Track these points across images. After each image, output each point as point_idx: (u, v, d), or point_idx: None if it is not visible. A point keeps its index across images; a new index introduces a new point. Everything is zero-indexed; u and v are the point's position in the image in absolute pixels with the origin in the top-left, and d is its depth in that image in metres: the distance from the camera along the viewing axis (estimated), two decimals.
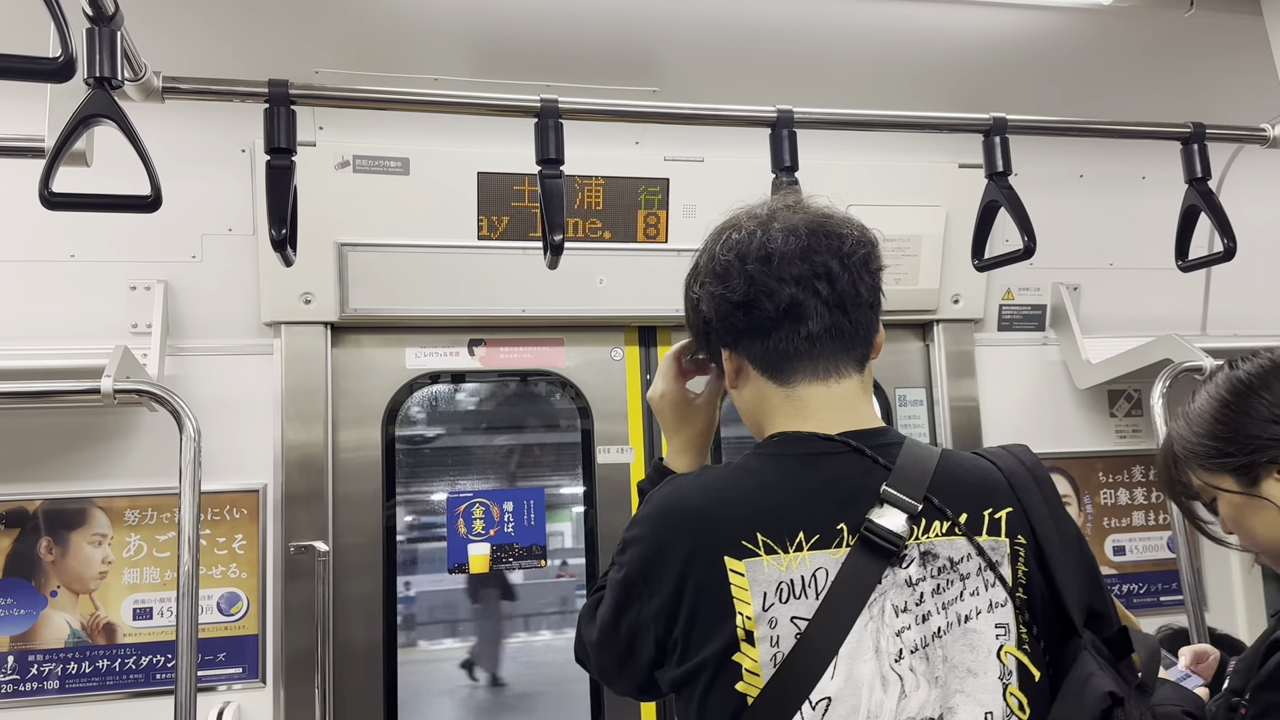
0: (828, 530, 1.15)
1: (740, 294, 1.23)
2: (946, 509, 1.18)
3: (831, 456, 1.20)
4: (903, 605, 1.14)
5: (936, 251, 2.85)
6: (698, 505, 1.18)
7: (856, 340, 1.26)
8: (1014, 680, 1.14)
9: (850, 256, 1.25)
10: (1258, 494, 1.43)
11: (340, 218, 2.53)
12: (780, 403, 1.26)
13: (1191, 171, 2.08)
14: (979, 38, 2.43)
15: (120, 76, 1.42)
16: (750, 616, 1.11)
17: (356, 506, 2.61)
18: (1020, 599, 1.17)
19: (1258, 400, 1.44)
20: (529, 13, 2.26)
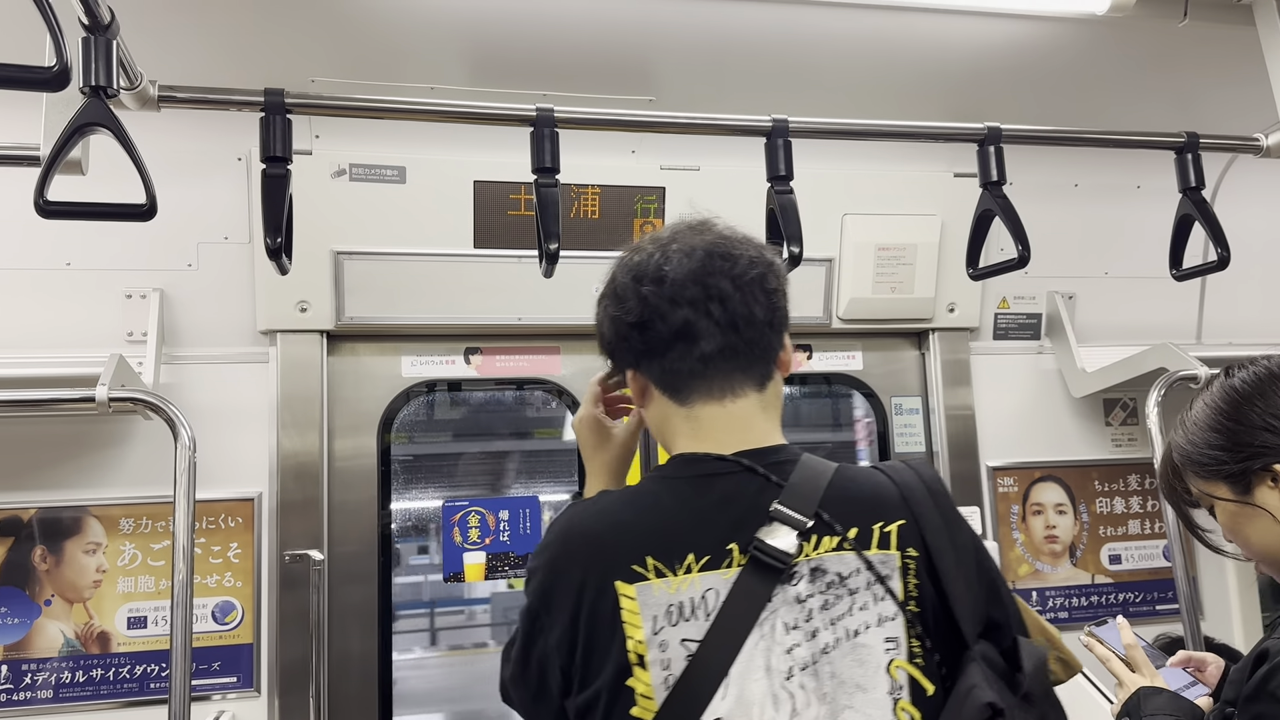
0: (718, 551, 1.16)
1: (635, 315, 1.25)
2: (836, 524, 1.18)
3: (724, 477, 1.22)
4: (793, 623, 1.15)
5: (932, 260, 2.85)
6: (591, 532, 1.20)
7: (753, 360, 1.27)
8: (905, 695, 1.14)
9: (742, 277, 1.25)
10: (1252, 501, 1.44)
11: (336, 226, 2.53)
12: (680, 422, 1.28)
13: (1185, 181, 2.09)
14: (974, 48, 2.44)
15: (116, 85, 1.43)
16: (641, 640, 1.12)
17: (352, 515, 2.60)
18: (912, 612, 1.17)
19: (1251, 408, 1.45)
20: (526, 22, 2.27)
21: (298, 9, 2.16)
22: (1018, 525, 2.97)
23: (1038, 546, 2.98)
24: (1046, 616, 2.95)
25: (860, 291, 2.85)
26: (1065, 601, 2.96)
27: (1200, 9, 2.29)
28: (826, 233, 2.84)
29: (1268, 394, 1.45)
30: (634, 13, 2.28)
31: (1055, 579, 2.97)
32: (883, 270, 2.85)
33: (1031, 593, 2.94)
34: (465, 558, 2.64)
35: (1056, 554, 2.99)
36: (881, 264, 2.84)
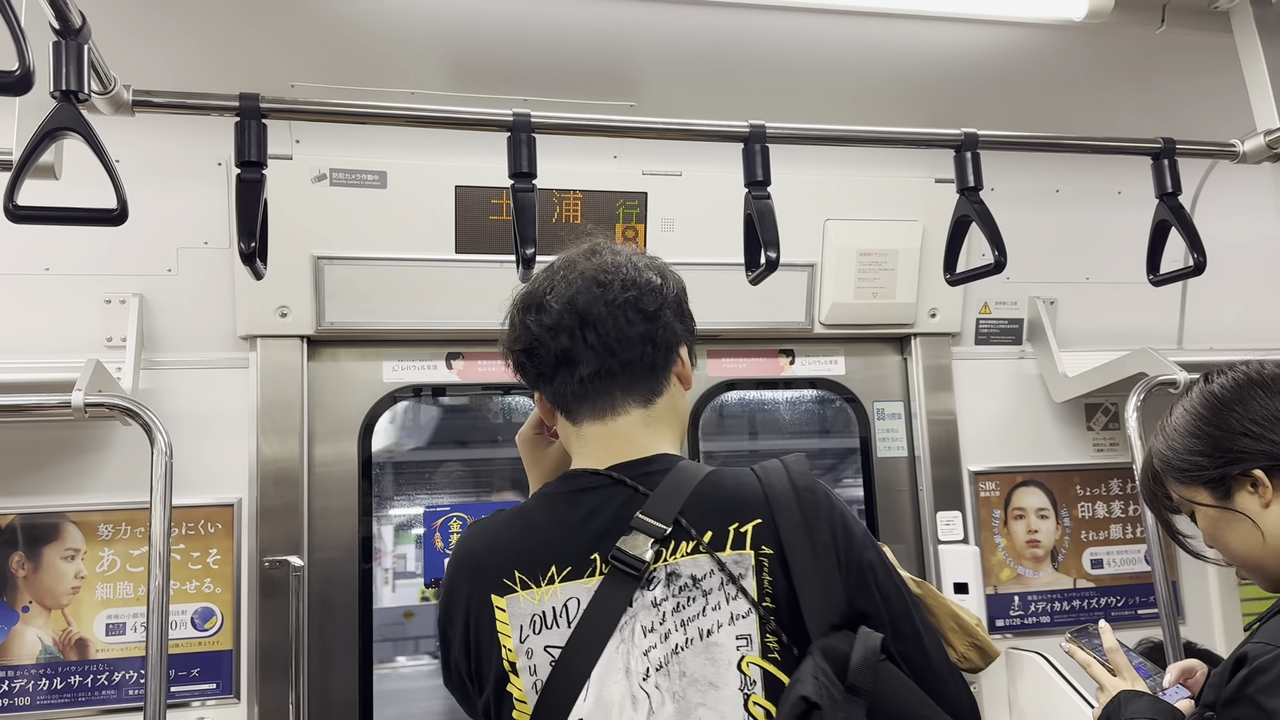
0: (580, 562, 1.23)
1: (522, 343, 1.34)
2: (692, 529, 1.23)
3: (593, 491, 1.28)
4: (649, 626, 1.20)
5: (913, 266, 2.86)
6: (475, 550, 1.29)
7: (634, 379, 1.33)
8: (758, 689, 1.19)
9: (614, 301, 1.30)
10: (1232, 507, 1.45)
11: (317, 231, 2.53)
12: (574, 440, 1.35)
13: (1162, 186, 2.10)
14: (954, 54, 2.45)
15: (87, 90, 1.42)
16: (510, 649, 1.21)
17: (332, 521, 2.60)
18: (766, 608, 1.21)
19: (1231, 414, 1.46)
20: (508, 27, 2.27)
21: (279, 14, 2.16)
22: (1000, 530, 2.98)
23: (1019, 551, 2.98)
24: (1029, 621, 2.96)
25: (842, 296, 2.86)
26: (1047, 606, 2.97)
27: (1177, 16, 2.30)
28: (808, 238, 2.84)
29: (1247, 399, 1.46)
30: (616, 18, 2.29)
31: (1037, 583, 2.98)
32: (864, 275, 2.85)
33: (1014, 597, 2.95)
34: (445, 564, 2.63)
35: (1038, 558, 2.99)
36: (863, 269, 2.85)
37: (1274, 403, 1.44)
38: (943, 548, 2.88)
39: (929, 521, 2.92)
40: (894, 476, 3.00)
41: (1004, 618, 2.93)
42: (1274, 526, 1.41)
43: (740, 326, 2.90)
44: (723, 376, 2.96)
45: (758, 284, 1.94)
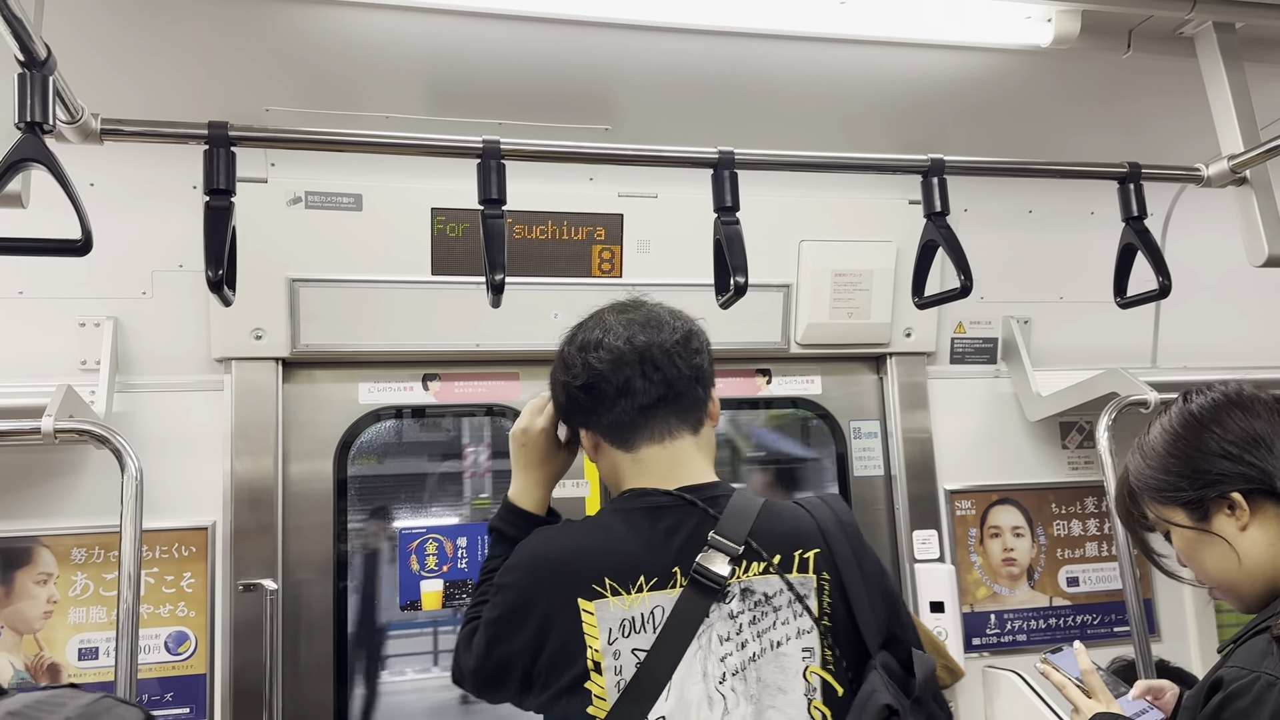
0: (664, 573, 1.38)
1: (582, 379, 1.51)
2: (763, 551, 1.41)
3: (669, 509, 1.44)
4: (726, 635, 1.37)
5: (888, 286, 2.88)
6: (557, 558, 1.43)
7: (686, 409, 1.52)
8: (818, 695, 1.37)
9: (668, 342, 1.52)
10: (1209, 529, 1.44)
11: (292, 254, 2.53)
12: (628, 466, 1.51)
13: (1128, 210, 2.12)
14: (927, 79, 2.47)
15: (52, 121, 1.43)
16: (598, 650, 1.34)
17: (308, 544, 2.59)
18: (825, 626, 1.40)
19: (1209, 435, 1.45)
20: (484, 52, 2.28)
21: (254, 39, 2.17)
22: (975, 548, 2.99)
23: (995, 569, 2.99)
24: (1005, 639, 2.97)
25: (818, 317, 2.87)
26: (1024, 624, 2.98)
27: (1143, 41, 2.33)
28: (784, 259, 2.86)
29: (1225, 421, 1.45)
30: (592, 44, 2.30)
31: (1013, 601, 2.99)
32: (839, 296, 2.87)
33: (990, 615, 2.96)
34: (422, 585, 2.63)
35: (1014, 576, 3.00)
36: (838, 290, 2.87)
37: (1252, 424, 1.44)
38: (919, 566, 2.89)
39: (905, 540, 2.93)
40: (871, 495, 3.01)
41: (980, 636, 2.94)
42: (1250, 549, 1.41)
43: (717, 347, 2.86)
44: None
45: (728, 308, 1.94)
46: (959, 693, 2.87)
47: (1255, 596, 1.43)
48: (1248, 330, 3.30)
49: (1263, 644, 1.31)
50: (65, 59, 1.61)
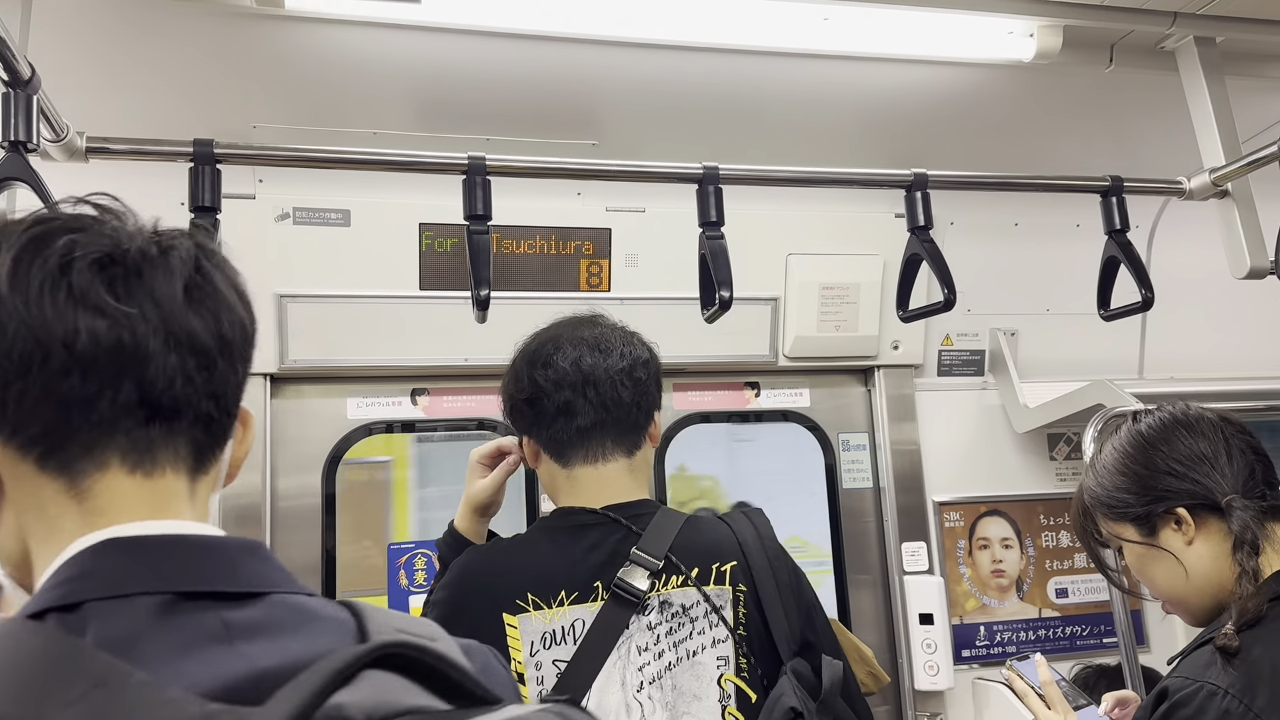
0: (585, 588, 1.46)
1: (526, 394, 1.59)
2: (682, 565, 1.48)
3: (593, 527, 1.51)
4: (644, 646, 1.44)
5: (875, 299, 2.89)
6: (483, 575, 1.50)
7: (622, 433, 1.59)
8: (732, 702, 1.45)
9: (613, 368, 1.57)
10: (1156, 544, 1.50)
11: (280, 269, 2.54)
12: (562, 481, 1.59)
13: (1110, 224, 2.13)
14: (911, 94, 2.49)
15: (36, 140, 1.43)
16: (520, 661, 1.41)
17: (296, 560, 2.59)
18: (740, 635, 1.48)
19: (1156, 453, 1.52)
20: (472, 69, 2.30)
21: (242, 56, 2.18)
22: (964, 560, 2.99)
23: (985, 581, 3.00)
24: (994, 650, 2.97)
25: (805, 330, 2.89)
26: (1013, 636, 2.98)
27: (1125, 56, 2.35)
28: (771, 272, 2.88)
29: (1171, 439, 1.52)
30: (578, 61, 2.31)
31: (1003, 613, 2.99)
32: (827, 309, 2.88)
33: (979, 627, 2.97)
34: (410, 601, 2.63)
35: (1003, 588, 3.01)
36: (825, 303, 2.88)
37: (1197, 443, 1.50)
38: (908, 579, 2.90)
39: (894, 552, 2.94)
40: (859, 508, 3.02)
41: (970, 648, 2.95)
42: (1196, 564, 1.46)
43: (706, 360, 2.92)
44: (689, 410, 2.98)
45: (713, 322, 1.95)
46: (948, 705, 2.87)
47: (1203, 610, 1.48)
48: (1234, 340, 3.32)
49: (1207, 655, 1.35)
50: (52, 76, 1.62)
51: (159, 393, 0.75)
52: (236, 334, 0.81)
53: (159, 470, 0.77)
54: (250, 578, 0.74)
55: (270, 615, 0.72)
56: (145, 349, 0.74)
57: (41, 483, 0.75)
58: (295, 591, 0.76)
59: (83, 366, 0.72)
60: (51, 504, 0.75)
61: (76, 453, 0.74)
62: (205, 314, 0.78)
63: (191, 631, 0.68)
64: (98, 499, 0.74)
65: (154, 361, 0.74)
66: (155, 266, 0.76)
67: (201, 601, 0.70)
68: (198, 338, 0.77)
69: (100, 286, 0.73)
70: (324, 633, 0.73)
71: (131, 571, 0.70)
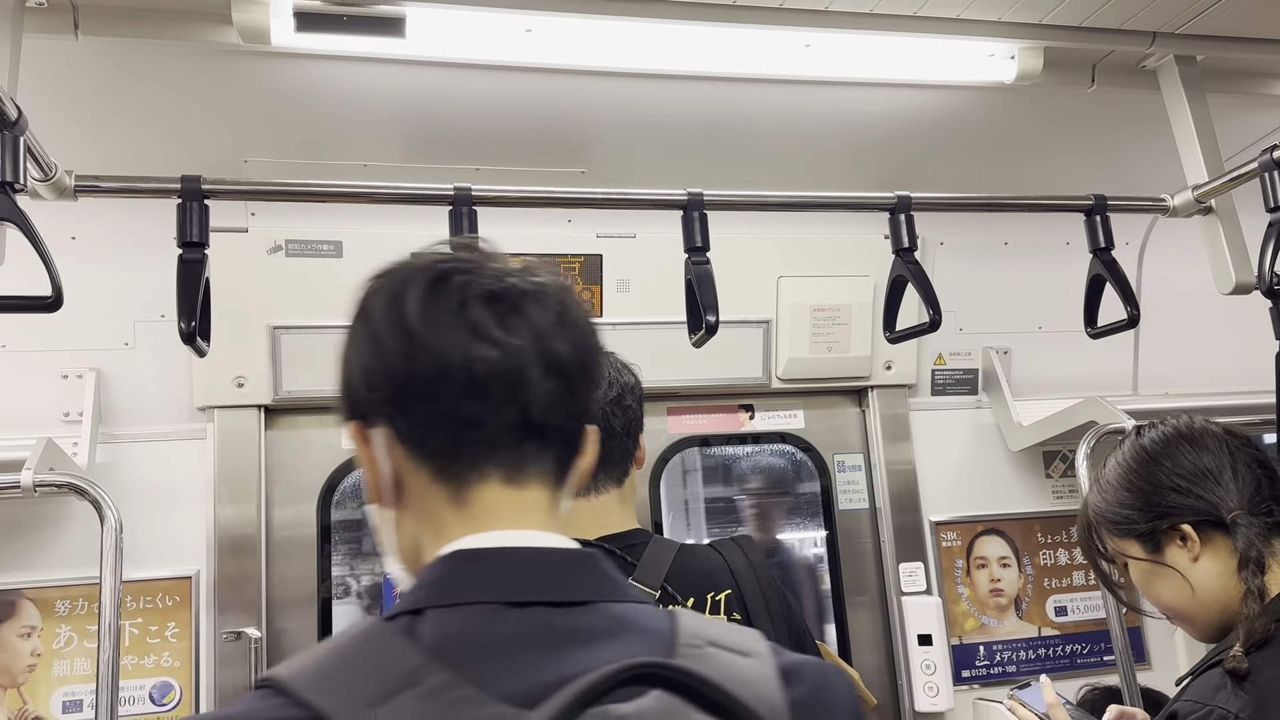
0: None
1: None
2: (678, 595, 1.49)
3: None
4: None
5: (867, 320, 2.90)
6: None
7: (613, 464, 1.59)
8: None
9: (603, 400, 1.58)
10: (1162, 561, 1.47)
11: (273, 301, 2.55)
12: None
13: (1095, 242, 2.14)
14: (898, 116, 2.51)
15: (23, 180, 1.45)
16: None
17: (291, 591, 2.59)
18: None
19: (1159, 468, 1.49)
20: (461, 100, 2.32)
21: (233, 90, 2.20)
22: (962, 579, 2.99)
23: (983, 600, 2.99)
24: (994, 670, 2.96)
25: (797, 352, 2.89)
26: (1012, 655, 2.97)
27: (1107, 75, 2.37)
28: (762, 295, 2.88)
29: (1175, 454, 1.49)
30: (566, 91, 2.34)
31: (1001, 633, 2.98)
32: (819, 330, 2.89)
33: (978, 647, 2.95)
34: None
35: (1002, 607, 3.00)
36: (817, 324, 2.89)
37: (1201, 458, 1.47)
38: (906, 599, 2.89)
39: (891, 573, 2.93)
40: (856, 529, 3.02)
41: (970, 668, 2.93)
42: (1203, 580, 1.44)
43: (699, 383, 2.93)
44: (683, 433, 2.98)
45: (700, 347, 1.97)
46: None
47: (1211, 626, 1.46)
48: (1228, 354, 3.31)
49: (1216, 678, 1.33)
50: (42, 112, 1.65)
51: (534, 414, 0.84)
52: (591, 359, 0.90)
53: (528, 483, 0.86)
54: (578, 588, 0.82)
55: (591, 623, 0.79)
56: (527, 375, 0.83)
57: (433, 491, 0.85)
58: (621, 600, 0.83)
59: (478, 391, 0.82)
60: (439, 510, 0.85)
61: (465, 467, 0.84)
62: (569, 342, 0.86)
63: (512, 638, 0.76)
64: (475, 507, 0.84)
65: (533, 386, 0.83)
66: (531, 300, 0.86)
67: (530, 609, 0.78)
68: (565, 364, 0.86)
69: (491, 320, 0.83)
70: (636, 641, 0.79)
71: (469, 581, 0.80)
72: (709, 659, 0.78)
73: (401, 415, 0.85)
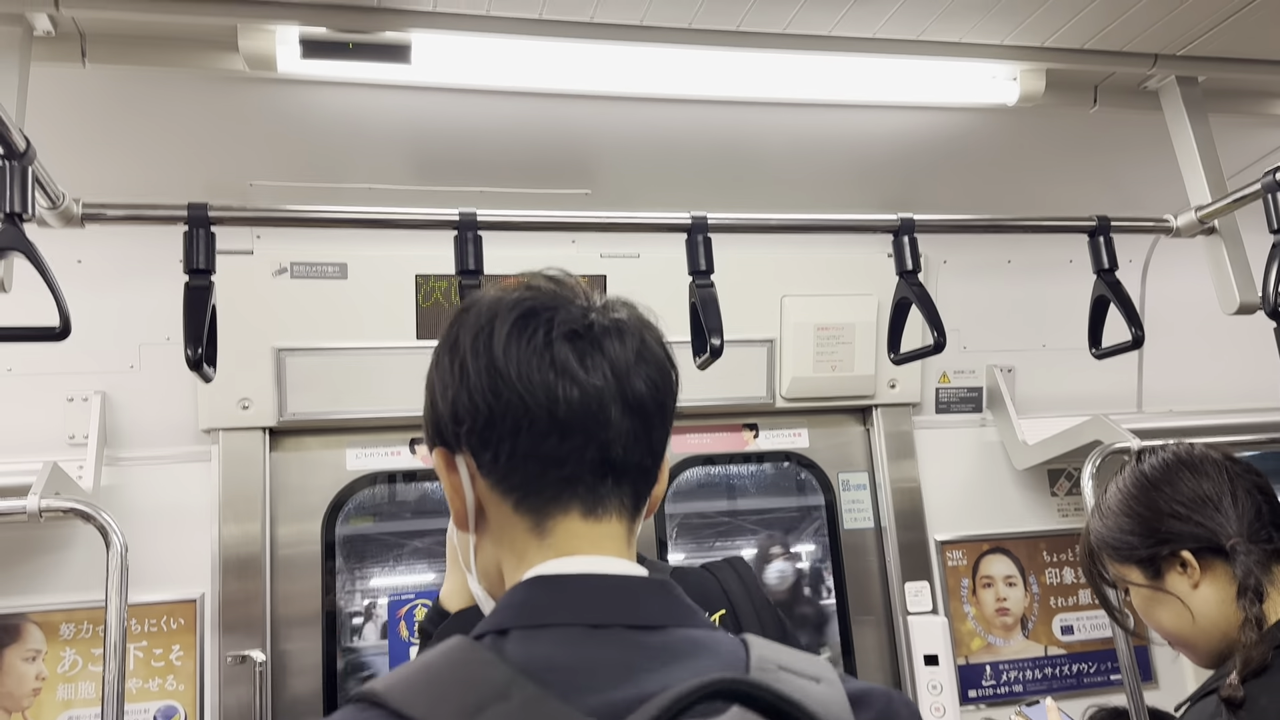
0: None
1: None
2: None
3: None
4: None
5: (870, 339, 2.90)
6: None
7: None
8: None
9: None
10: (1162, 587, 1.48)
11: (278, 323, 2.56)
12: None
13: (1099, 263, 2.15)
14: (896, 137, 2.52)
15: (31, 211, 1.46)
16: None
17: (296, 614, 2.59)
18: None
19: (1159, 495, 1.50)
20: (466, 124, 2.33)
21: (239, 117, 2.21)
22: (968, 598, 2.98)
23: (989, 620, 2.98)
24: (1001, 690, 2.95)
25: (801, 371, 2.90)
26: (1019, 675, 2.96)
27: (1110, 96, 2.38)
28: (766, 314, 2.89)
29: (1175, 481, 1.50)
30: (571, 114, 2.35)
31: (1008, 652, 2.97)
32: (822, 349, 2.90)
33: (985, 666, 2.94)
34: (411, 652, 2.62)
35: (1008, 626, 2.99)
36: (821, 343, 2.89)
37: (1201, 484, 1.48)
38: (912, 619, 2.88)
39: (897, 593, 2.92)
40: (861, 548, 3.01)
41: (976, 688, 2.92)
42: (1203, 607, 1.44)
43: (703, 403, 2.93)
44: (688, 452, 2.98)
45: (704, 369, 1.97)
46: None
47: (1211, 653, 1.46)
48: (1233, 371, 3.32)
49: (1212, 705, 1.34)
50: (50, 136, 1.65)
51: (614, 453, 0.87)
52: (667, 396, 0.92)
53: (607, 516, 0.89)
54: (653, 613, 0.85)
55: (667, 644, 0.82)
56: (608, 415, 0.86)
57: (515, 520, 0.89)
58: (695, 626, 0.86)
59: (560, 430, 0.85)
60: (520, 538, 0.89)
61: (545, 501, 0.88)
62: (646, 380, 0.89)
63: (594, 657, 0.79)
64: (555, 537, 0.88)
65: (613, 426, 0.86)
66: (613, 337, 0.88)
67: (610, 630, 0.82)
68: (644, 403, 0.88)
69: (574, 360, 0.86)
70: (711, 663, 0.82)
71: (552, 604, 0.84)
72: (783, 681, 0.81)
73: (485, 449, 0.87)
